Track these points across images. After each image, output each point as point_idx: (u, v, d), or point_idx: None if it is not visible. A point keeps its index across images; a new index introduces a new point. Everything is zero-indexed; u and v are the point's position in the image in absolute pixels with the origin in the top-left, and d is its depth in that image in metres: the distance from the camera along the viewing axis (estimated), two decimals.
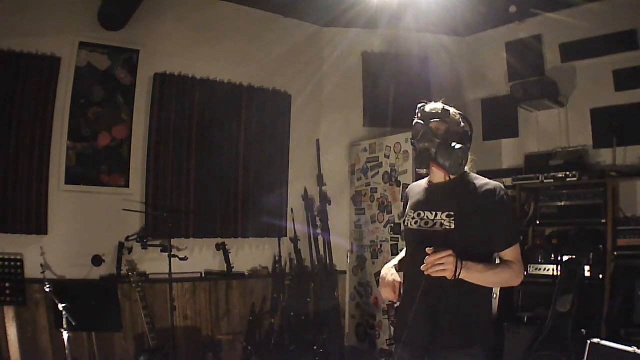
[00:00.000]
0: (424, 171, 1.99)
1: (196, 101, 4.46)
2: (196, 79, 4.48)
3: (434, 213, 1.94)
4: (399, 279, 2.06)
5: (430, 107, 1.98)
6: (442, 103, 2.00)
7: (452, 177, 1.95)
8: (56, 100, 3.90)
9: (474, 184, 1.94)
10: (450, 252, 1.76)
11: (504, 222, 1.88)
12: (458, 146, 1.90)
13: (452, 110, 1.98)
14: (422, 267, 1.78)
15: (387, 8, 4.30)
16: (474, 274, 1.80)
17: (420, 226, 1.97)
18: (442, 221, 1.90)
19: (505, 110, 4.91)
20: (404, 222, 2.12)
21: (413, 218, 2.02)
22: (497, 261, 1.94)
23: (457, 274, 1.76)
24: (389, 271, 2.09)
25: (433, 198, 2.00)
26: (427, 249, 1.78)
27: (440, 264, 1.75)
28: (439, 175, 1.99)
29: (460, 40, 5.28)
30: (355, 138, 5.24)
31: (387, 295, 2.07)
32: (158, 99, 4.31)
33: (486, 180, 1.96)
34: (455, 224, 1.88)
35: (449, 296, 1.85)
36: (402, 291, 2.04)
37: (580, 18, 4.31)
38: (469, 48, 5.28)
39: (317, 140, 5.10)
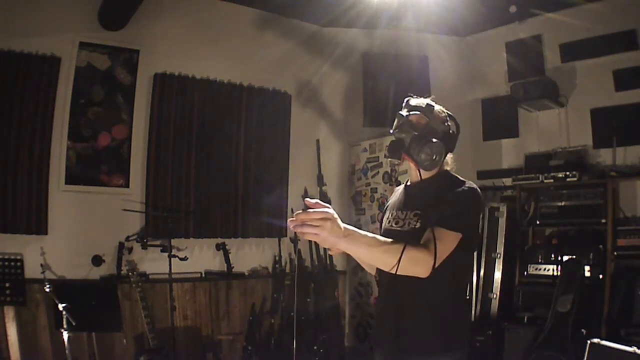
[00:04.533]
0: (396, 162, 1.91)
1: (196, 101, 4.46)
2: (196, 79, 4.49)
3: (404, 212, 1.89)
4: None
5: (415, 101, 1.93)
6: (432, 100, 1.93)
7: (423, 174, 1.84)
8: (56, 100, 3.90)
9: (447, 182, 1.85)
10: (329, 213, 1.46)
11: (451, 205, 1.72)
12: (434, 140, 1.80)
13: (437, 107, 1.91)
14: (289, 220, 1.46)
15: (387, 8, 4.30)
16: (360, 247, 1.54)
17: (391, 225, 1.91)
18: (410, 220, 1.84)
19: (505, 110, 4.90)
20: (380, 225, 2.06)
21: (387, 218, 1.98)
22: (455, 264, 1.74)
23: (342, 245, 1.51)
24: None
25: (406, 197, 1.95)
26: (306, 200, 1.49)
27: (314, 225, 1.44)
28: (415, 174, 1.92)
29: (460, 40, 5.28)
30: (355, 138, 5.24)
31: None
32: (158, 99, 4.31)
33: (462, 180, 1.86)
34: (420, 223, 1.80)
35: (422, 300, 1.76)
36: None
37: (580, 18, 4.31)
38: (469, 48, 5.27)
39: (317, 140, 5.10)
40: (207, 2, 4.61)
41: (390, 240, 1.60)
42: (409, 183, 2.00)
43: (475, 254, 3.91)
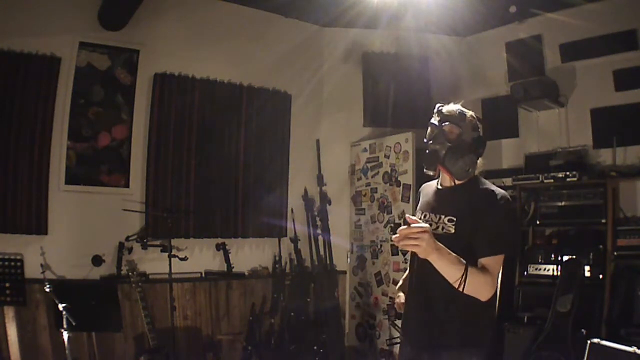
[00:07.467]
0: (431, 172, 1.99)
1: (196, 101, 4.46)
2: (196, 79, 4.49)
3: (438, 216, 1.96)
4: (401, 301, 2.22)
5: (447, 108, 1.98)
6: (461, 106, 1.99)
7: (457, 182, 1.93)
8: (56, 100, 3.90)
9: (479, 189, 1.93)
10: (427, 227, 1.66)
11: (493, 228, 1.82)
12: (468, 154, 1.90)
13: (468, 113, 1.97)
14: (393, 236, 1.68)
15: (387, 8, 4.30)
16: (444, 262, 1.70)
17: None
18: (444, 225, 1.91)
19: (505, 110, 4.90)
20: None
21: (419, 219, 2.03)
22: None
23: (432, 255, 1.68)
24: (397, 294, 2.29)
25: (439, 201, 2.02)
26: (406, 216, 1.70)
27: (414, 238, 1.64)
28: (447, 179, 1.99)
29: (460, 40, 5.28)
30: (355, 138, 5.24)
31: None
32: (158, 99, 4.31)
33: (493, 186, 1.94)
34: (455, 229, 1.88)
35: (450, 296, 1.82)
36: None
37: (580, 18, 4.31)
38: (469, 48, 5.27)
39: (317, 140, 5.10)
40: (207, 2, 4.61)
41: (465, 263, 1.73)
42: (440, 186, 2.06)
43: None
